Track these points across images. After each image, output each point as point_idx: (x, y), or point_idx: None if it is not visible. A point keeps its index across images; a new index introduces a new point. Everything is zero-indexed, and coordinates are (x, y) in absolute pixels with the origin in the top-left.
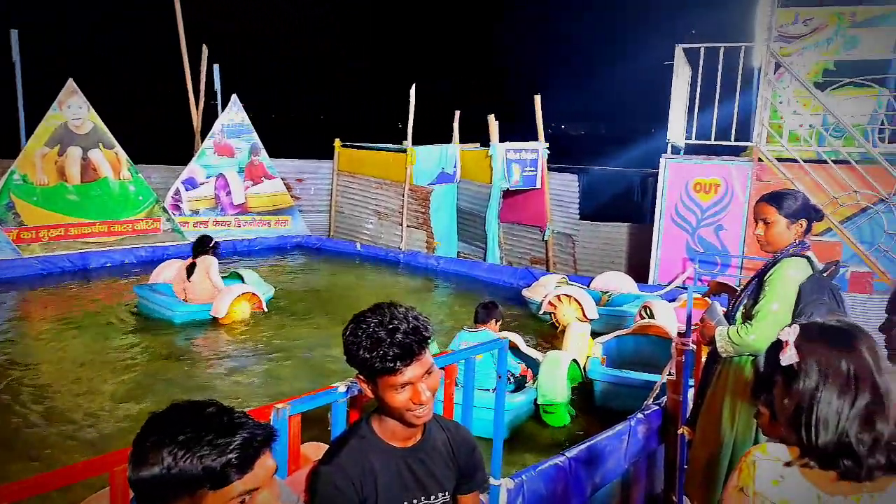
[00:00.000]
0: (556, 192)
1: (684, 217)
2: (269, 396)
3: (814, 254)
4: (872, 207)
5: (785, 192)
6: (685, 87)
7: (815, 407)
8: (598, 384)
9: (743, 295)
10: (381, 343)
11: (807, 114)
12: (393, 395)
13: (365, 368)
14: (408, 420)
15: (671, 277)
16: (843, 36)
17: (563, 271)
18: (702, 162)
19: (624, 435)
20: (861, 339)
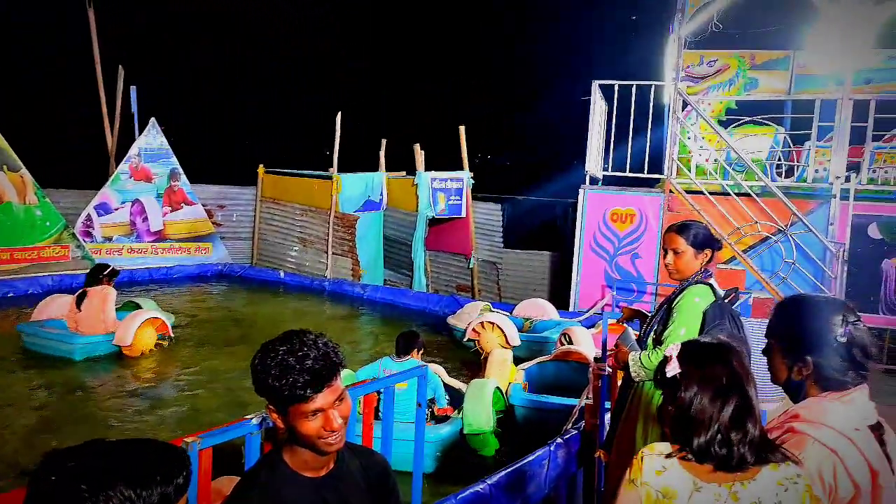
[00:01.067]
0: (480, 221)
1: (602, 245)
2: (184, 430)
3: (716, 281)
4: (772, 237)
5: (691, 223)
6: (602, 121)
7: (693, 411)
8: (519, 410)
9: (653, 321)
10: (291, 370)
11: (712, 149)
12: (304, 423)
13: (275, 397)
14: (320, 448)
15: (590, 304)
16: (743, 77)
17: (487, 298)
18: (618, 192)
19: (544, 460)
20: (732, 353)
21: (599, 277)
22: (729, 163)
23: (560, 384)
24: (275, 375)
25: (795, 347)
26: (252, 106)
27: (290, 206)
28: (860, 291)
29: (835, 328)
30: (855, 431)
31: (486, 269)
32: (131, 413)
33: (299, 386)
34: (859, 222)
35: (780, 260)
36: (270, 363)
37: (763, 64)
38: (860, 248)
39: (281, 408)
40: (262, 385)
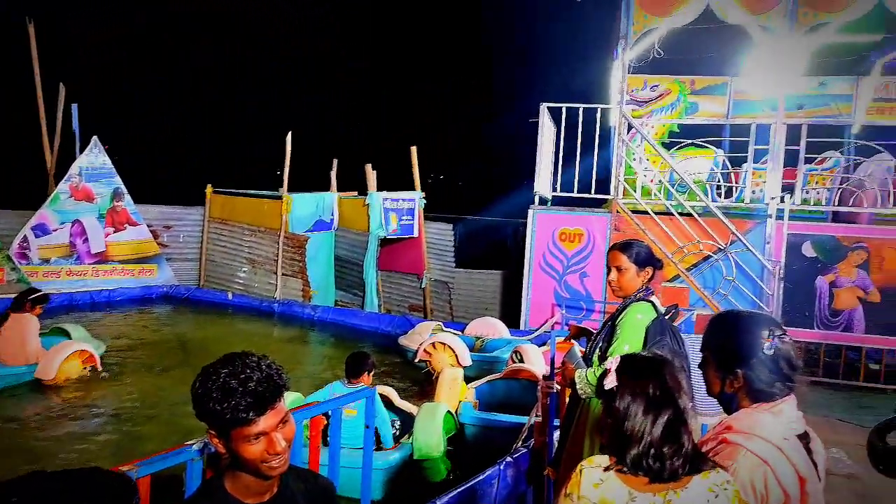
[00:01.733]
0: (432, 241)
1: (551, 265)
2: (122, 458)
3: (657, 298)
4: (713, 256)
5: (634, 242)
6: (550, 142)
7: (627, 423)
8: (469, 428)
9: (598, 338)
10: (234, 393)
11: (656, 171)
12: (247, 446)
13: (216, 421)
14: (263, 472)
15: (540, 322)
16: (684, 102)
17: (440, 318)
18: (566, 213)
19: (494, 479)
20: (665, 367)
21: (549, 296)
22: (672, 184)
23: (511, 402)
24: (216, 399)
25: (727, 361)
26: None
27: (238, 226)
28: (796, 307)
29: (762, 342)
30: (784, 441)
31: (439, 289)
32: (65, 443)
33: (242, 409)
34: (794, 241)
35: (720, 277)
36: (211, 386)
37: (703, 89)
38: (795, 265)
39: (223, 432)
40: (203, 409)
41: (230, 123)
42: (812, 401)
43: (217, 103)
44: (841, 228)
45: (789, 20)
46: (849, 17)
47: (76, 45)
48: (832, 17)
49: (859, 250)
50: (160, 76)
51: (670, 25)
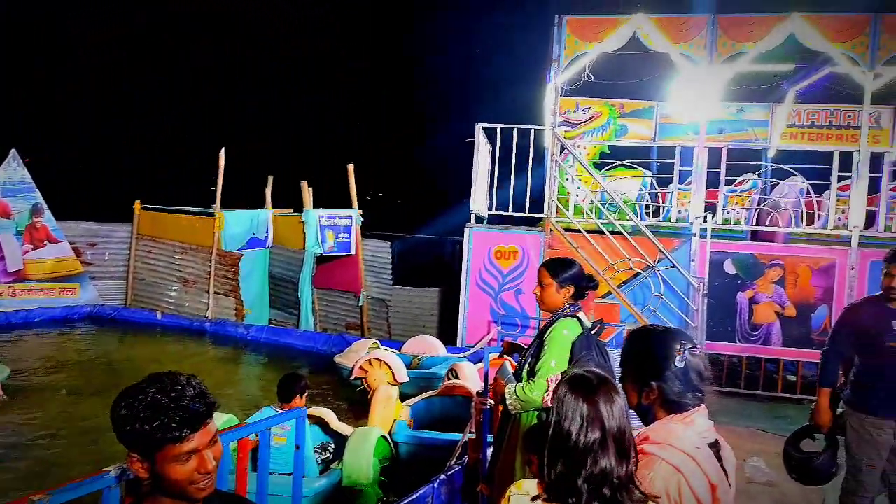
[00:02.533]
0: (370, 258)
1: (487, 282)
2: (35, 486)
3: (584, 314)
4: (642, 273)
5: (562, 260)
6: (486, 161)
7: (555, 445)
8: (404, 446)
9: (528, 354)
10: (166, 410)
11: (588, 190)
12: (176, 467)
13: (144, 442)
14: (190, 495)
15: (477, 339)
16: (614, 124)
17: (377, 336)
18: (502, 231)
19: (427, 497)
20: (600, 387)
21: (485, 313)
22: (603, 203)
23: (447, 419)
24: (145, 417)
25: (643, 374)
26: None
27: (168, 243)
28: (719, 322)
29: (675, 355)
30: (696, 450)
31: (376, 307)
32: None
33: (175, 425)
34: (716, 259)
35: (649, 293)
36: (138, 406)
37: (631, 112)
38: (718, 282)
39: (149, 453)
40: (128, 430)
41: (161, 138)
42: (734, 411)
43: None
44: (759, 247)
45: (709, 50)
46: (764, 48)
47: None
48: (748, 48)
49: (776, 267)
50: (88, 88)
51: (600, 51)
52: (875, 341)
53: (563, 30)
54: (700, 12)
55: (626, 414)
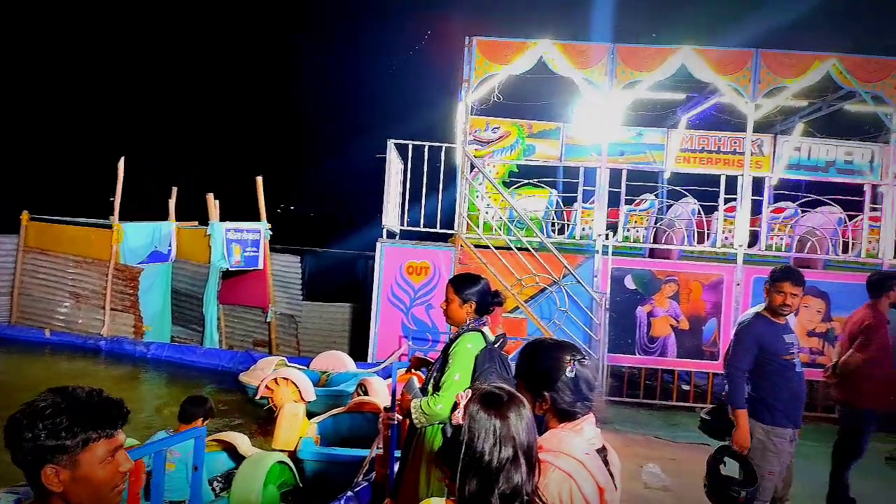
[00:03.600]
0: (279, 273)
1: (399, 297)
2: None
3: (489, 329)
4: (548, 288)
5: (467, 276)
6: (398, 178)
7: (467, 460)
8: (310, 464)
9: (433, 368)
10: (88, 409)
11: (497, 208)
12: (101, 468)
13: (69, 442)
14: (111, 500)
15: (388, 354)
16: (522, 144)
17: (286, 352)
18: (413, 246)
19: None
20: (511, 403)
21: (396, 328)
22: (512, 220)
23: (356, 436)
24: (63, 425)
25: (536, 385)
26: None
27: (61, 256)
28: (621, 335)
29: (564, 366)
30: (585, 456)
31: (285, 323)
32: None
33: (107, 418)
34: (617, 274)
35: (555, 308)
36: (51, 414)
37: (539, 133)
38: (619, 296)
39: (69, 459)
40: (40, 444)
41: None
42: (633, 420)
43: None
44: (656, 263)
45: (609, 77)
46: (658, 76)
47: None
48: (645, 76)
49: (671, 283)
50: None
51: (508, 73)
52: (772, 357)
53: (473, 51)
54: (601, 41)
55: (534, 428)
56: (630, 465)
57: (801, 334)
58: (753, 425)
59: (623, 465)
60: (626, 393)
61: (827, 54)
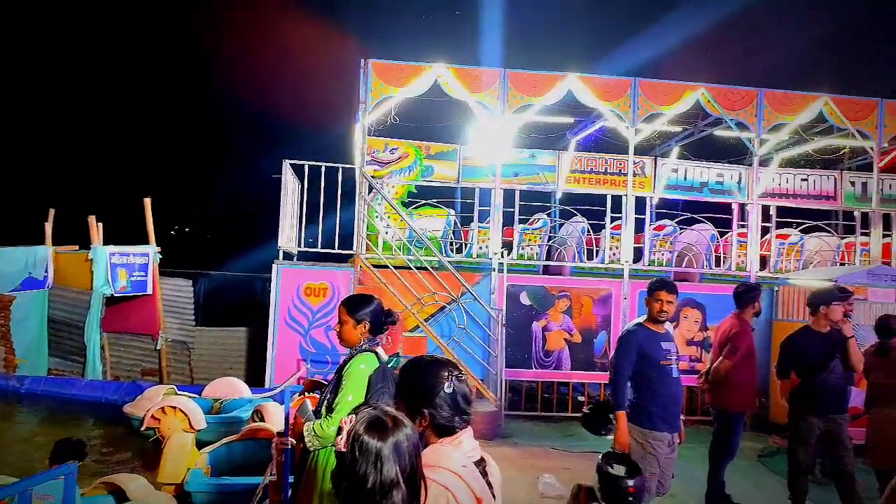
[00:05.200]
0: (169, 298)
1: (297, 319)
2: None
3: (382, 349)
4: (447, 306)
5: (359, 297)
6: (295, 198)
7: (350, 484)
8: (199, 496)
9: (327, 390)
10: None
11: (396, 228)
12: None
13: None
14: None
15: (286, 379)
16: (420, 165)
17: (178, 381)
18: (311, 267)
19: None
20: (395, 426)
21: (295, 351)
22: (411, 240)
23: (251, 464)
24: None
25: (415, 403)
26: None
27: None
28: (517, 350)
29: (442, 382)
30: (463, 468)
31: (177, 350)
32: None
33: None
34: (513, 291)
35: (454, 326)
36: None
37: (437, 154)
38: (515, 312)
39: None
40: None
41: None
42: (531, 433)
43: None
44: (549, 280)
45: (501, 100)
46: (548, 101)
47: None
48: (535, 101)
49: (564, 298)
50: None
51: (405, 95)
52: (651, 362)
53: (369, 73)
54: (492, 66)
55: (418, 449)
56: (528, 476)
57: (681, 343)
58: (632, 429)
59: (521, 477)
60: (524, 406)
61: (696, 84)
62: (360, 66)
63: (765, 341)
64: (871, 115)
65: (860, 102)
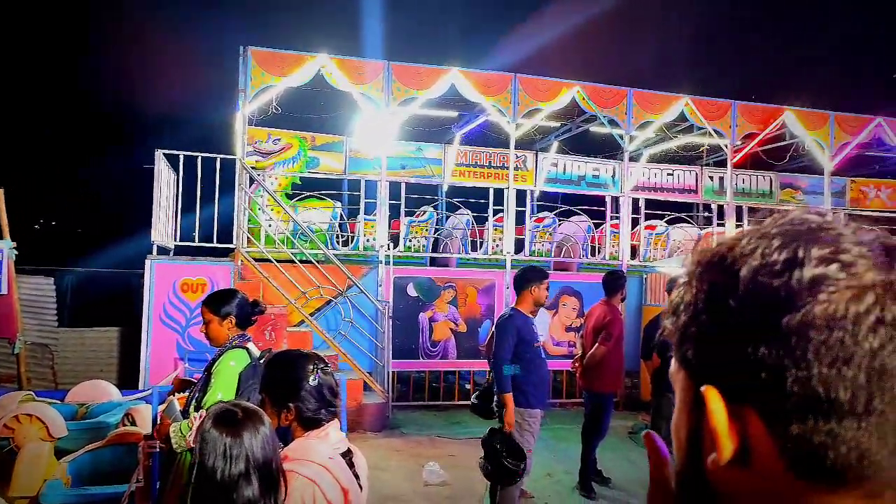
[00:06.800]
0: (28, 298)
1: (173, 317)
2: None
3: (253, 344)
4: (333, 300)
5: (220, 293)
6: (170, 190)
7: (199, 478)
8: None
9: (195, 388)
10: None
11: (279, 221)
12: None
13: None
14: None
15: (161, 379)
16: (305, 156)
17: (40, 386)
18: (188, 262)
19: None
20: (246, 419)
21: (172, 350)
22: (295, 233)
23: (120, 470)
24: None
25: (280, 397)
26: None
27: None
28: (405, 341)
29: (308, 375)
30: (329, 461)
31: (37, 353)
32: None
33: None
34: (400, 283)
35: (341, 319)
36: None
37: (322, 145)
38: (402, 304)
39: None
40: None
41: None
42: (418, 422)
43: None
44: (436, 271)
45: (386, 93)
46: (432, 94)
47: None
48: (420, 94)
49: (449, 289)
50: None
51: (287, 84)
52: (527, 345)
53: (248, 61)
54: (377, 58)
55: (271, 443)
56: (413, 465)
57: (560, 329)
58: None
59: (406, 467)
60: (412, 397)
61: (572, 82)
62: (239, 54)
63: (635, 325)
64: (725, 115)
65: (715, 104)
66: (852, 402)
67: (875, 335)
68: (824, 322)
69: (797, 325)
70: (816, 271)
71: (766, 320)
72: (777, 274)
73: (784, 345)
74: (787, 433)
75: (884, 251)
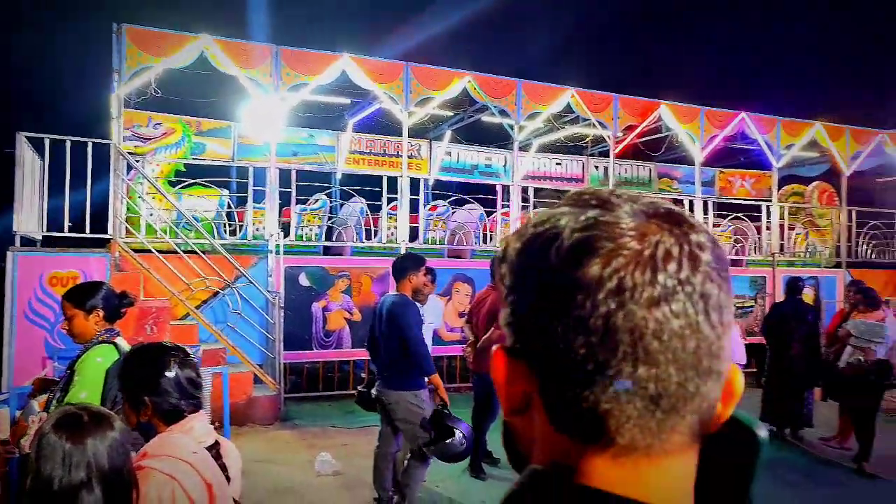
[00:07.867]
0: None
1: (41, 313)
2: None
3: (123, 339)
4: (221, 292)
5: (83, 286)
6: (35, 176)
7: (34, 486)
8: None
9: (57, 388)
10: None
11: (161, 209)
12: None
13: None
14: None
15: (27, 380)
16: (189, 142)
17: None
18: (58, 254)
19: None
20: (92, 424)
21: (39, 349)
22: (179, 222)
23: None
24: None
25: (136, 392)
26: None
27: None
28: (298, 332)
29: (165, 367)
30: (192, 454)
31: None
32: None
33: None
34: (292, 273)
35: (228, 311)
36: None
37: (209, 131)
38: (294, 294)
39: None
40: None
41: None
42: (312, 414)
43: None
44: (329, 260)
45: (274, 78)
46: (322, 81)
47: None
48: (310, 80)
49: (343, 278)
50: None
51: (166, 66)
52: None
53: (123, 39)
54: (262, 41)
55: (121, 449)
56: (305, 456)
57: (454, 316)
58: (404, 395)
59: (299, 458)
60: (306, 388)
61: (463, 72)
62: (112, 31)
63: None
64: (607, 107)
65: (599, 96)
66: (588, 362)
67: (613, 299)
68: (572, 285)
69: (553, 287)
70: (576, 237)
71: (532, 284)
72: (546, 240)
73: (541, 306)
74: (546, 389)
75: (647, 219)
